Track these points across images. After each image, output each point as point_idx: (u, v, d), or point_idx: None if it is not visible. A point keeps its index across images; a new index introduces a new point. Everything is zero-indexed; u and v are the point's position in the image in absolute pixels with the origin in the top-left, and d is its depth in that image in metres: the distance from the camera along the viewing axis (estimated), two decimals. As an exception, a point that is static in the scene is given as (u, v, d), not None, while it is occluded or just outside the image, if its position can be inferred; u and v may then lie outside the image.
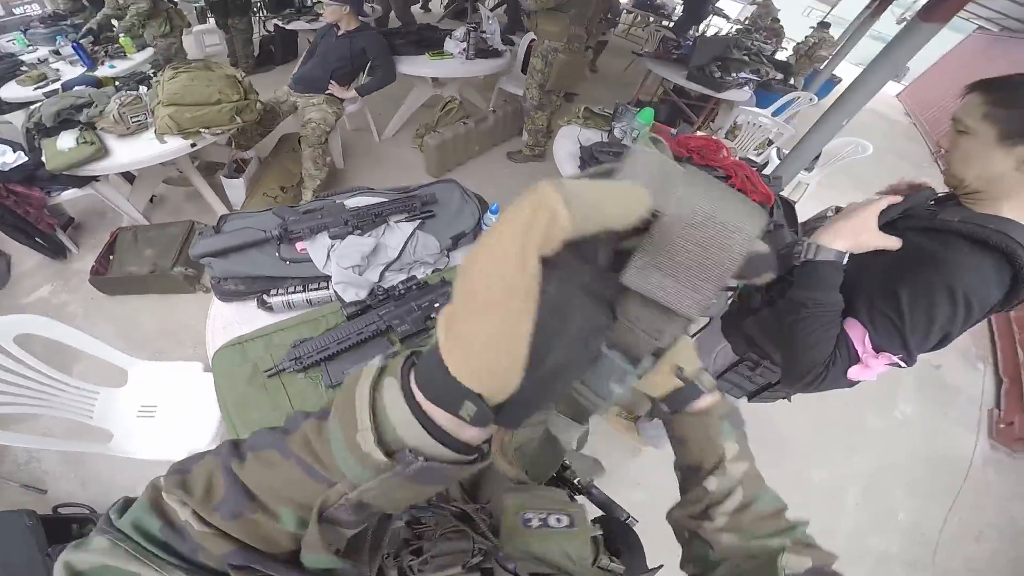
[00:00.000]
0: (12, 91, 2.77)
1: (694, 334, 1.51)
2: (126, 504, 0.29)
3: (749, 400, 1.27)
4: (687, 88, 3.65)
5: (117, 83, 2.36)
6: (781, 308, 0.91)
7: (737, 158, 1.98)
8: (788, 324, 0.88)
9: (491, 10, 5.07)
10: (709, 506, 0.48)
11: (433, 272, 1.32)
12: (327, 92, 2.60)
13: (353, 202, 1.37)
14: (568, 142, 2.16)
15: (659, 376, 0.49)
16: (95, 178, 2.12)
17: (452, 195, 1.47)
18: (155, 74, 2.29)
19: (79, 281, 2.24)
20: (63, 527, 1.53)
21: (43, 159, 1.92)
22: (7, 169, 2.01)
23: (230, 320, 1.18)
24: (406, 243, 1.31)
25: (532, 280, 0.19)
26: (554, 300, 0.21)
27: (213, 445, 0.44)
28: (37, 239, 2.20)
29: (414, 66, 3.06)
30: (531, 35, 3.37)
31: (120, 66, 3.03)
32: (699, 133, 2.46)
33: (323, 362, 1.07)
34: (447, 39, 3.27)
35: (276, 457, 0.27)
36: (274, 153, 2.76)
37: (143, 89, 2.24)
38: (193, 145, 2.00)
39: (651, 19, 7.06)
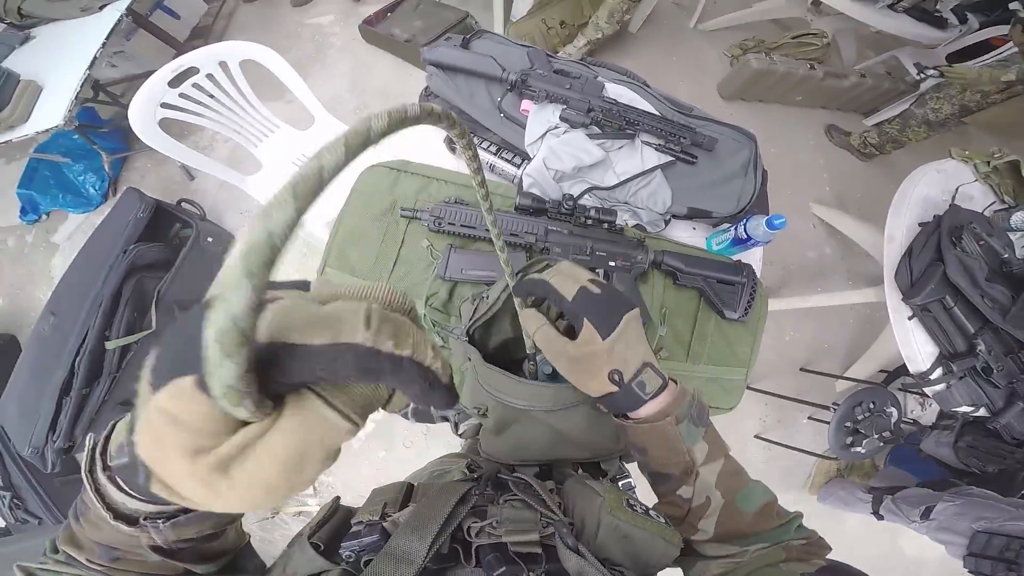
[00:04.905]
0: None
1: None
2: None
3: None
4: None
5: None
6: None
7: None
8: None
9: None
10: (689, 513, 0.44)
11: (635, 226, 0.97)
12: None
13: (614, 90, 1.01)
14: (936, 182, 1.39)
15: (592, 378, 0.43)
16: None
17: (735, 156, 1.00)
18: None
19: (354, 22, 2.38)
20: (166, 223, 1.77)
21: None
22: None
23: (411, 137, 1.02)
24: (635, 177, 0.95)
25: None
26: None
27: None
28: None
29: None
30: (1005, 29, 2.12)
31: None
32: None
33: (454, 243, 0.87)
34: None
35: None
36: (582, -15, 2.36)
37: None
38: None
39: None
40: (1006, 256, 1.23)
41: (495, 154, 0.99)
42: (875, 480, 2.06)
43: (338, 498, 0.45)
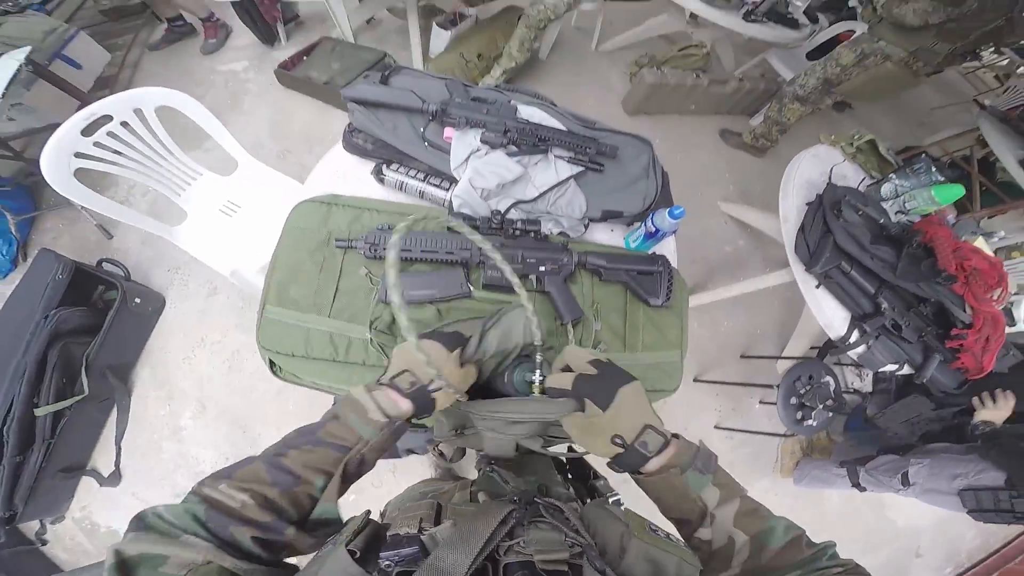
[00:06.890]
0: None
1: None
2: (140, 521, 0.37)
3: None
4: (1002, 173, 2.50)
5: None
6: None
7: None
8: None
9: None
10: (714, 556, 0.46)
11: (559, 233, 1.06)
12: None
13: (526, 111, 1.10)
14: (814, 166, 1.60)
15: (597, 443, 0.51)
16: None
17: (637, 160, 1.12)
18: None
19: (269, 67, 2.41)
20: (87, 285, 1.69)
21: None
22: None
23: (340, 172, 1.06)
24: (553, 188, 1.04)
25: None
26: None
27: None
28: (258, 24, 2.44)
29: (680, -8, 2.43)
30: (850, 25, 2.52)
31: None
32: (981, 243, 1.70)
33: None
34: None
35: (311, 448, 0.46)
36: (492, 19, 2.54)
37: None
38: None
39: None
40: (882, 221, 1.42)
41: (423, 180, 1.04)
42: (835, 455, 2.08)
43: (368, 511, 0.49)
